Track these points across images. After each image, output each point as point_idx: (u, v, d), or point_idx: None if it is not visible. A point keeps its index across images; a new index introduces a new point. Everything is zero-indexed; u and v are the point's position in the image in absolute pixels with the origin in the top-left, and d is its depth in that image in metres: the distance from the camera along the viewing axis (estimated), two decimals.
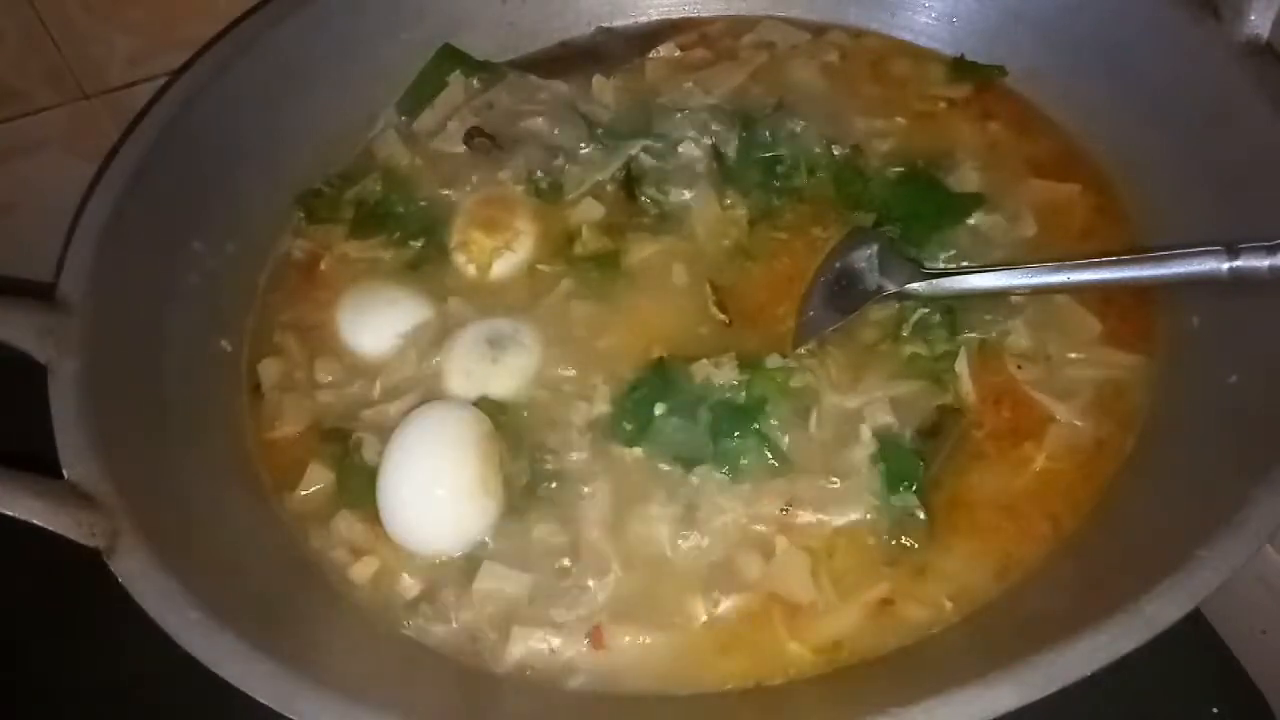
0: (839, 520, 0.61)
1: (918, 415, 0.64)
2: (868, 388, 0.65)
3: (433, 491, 0.62)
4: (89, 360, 0.61)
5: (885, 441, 0.63)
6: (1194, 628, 0.71)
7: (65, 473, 0.57)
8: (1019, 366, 0.66)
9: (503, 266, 0.74)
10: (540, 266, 0.74)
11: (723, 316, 0.70)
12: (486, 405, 0.66)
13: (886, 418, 0.64)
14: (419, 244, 0.76)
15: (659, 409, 0.65)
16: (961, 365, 0.65)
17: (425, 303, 0.73)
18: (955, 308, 0.67)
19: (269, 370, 0.72)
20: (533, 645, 0.59)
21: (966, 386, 0.65)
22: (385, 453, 0.63)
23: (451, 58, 0.86)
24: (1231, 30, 0.69)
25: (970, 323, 0.67)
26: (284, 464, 0.68)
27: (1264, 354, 0.60)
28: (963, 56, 0.83)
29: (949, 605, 0.59)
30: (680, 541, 0.61)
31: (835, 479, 0.62)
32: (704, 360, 0.66)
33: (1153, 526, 0.58)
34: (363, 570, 0.63)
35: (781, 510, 0.62)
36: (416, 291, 0.73)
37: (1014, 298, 0.68)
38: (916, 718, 0.47)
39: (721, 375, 0.65)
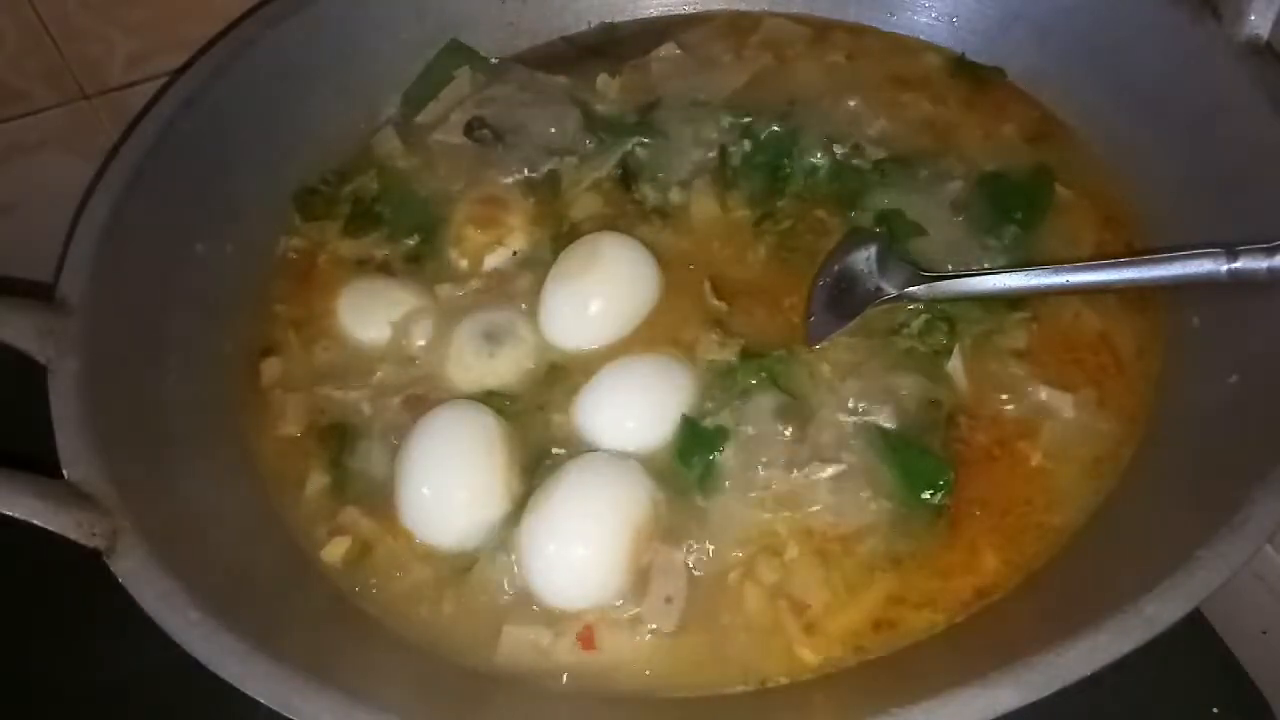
0: (840, 520, 0.61)
1: (914, 410, 0.64)
2: (868, 383, 0.65)
3: (454, 493, 0.62)
4: (89, 360, 0.61)
5: (893, 440, 0.63)
6: (1194, 628, 0.71)
7: (65, 473, 0.57)
8: (1016, 364, 0.66)
9: (499, 261, 0.75)
10: (538, 255, 0.74)
11: (721, 304, 0.70)
12: (488, 400, 0.66)
13: (888, 415, 0.64)
14: (415, 240, 0.77)
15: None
16: (956, 363, 0.65)
17: (423, 298, 0.73)
18: (953, 313, 0.67)
19: (270, 369, 0.72)
20: (524, 644, 0.59)
21: (962, 384, 0.65)
22: (404, 452, 0.64)
23: (458, 53, 0.86)
24: (1231, 30, 0.69)
25: (968, 320, 0.67)
26: (285, 463, 0.68)
27: (1264, 354, 0.60)
28: (963, 56, 0.83)
29: (950, 605, 0.59)
30: (682, 542, 0.61)
31: (835, 477, 0.62)
32: (713, 336, 0.67)
33: (1153, 526, 0.58)
34: (356, 561, 0.63)
35: (785, 513, 0.62)
36: (414, 287, 0.74)
37: (1012, 297, 0.68)
38: (916, 718, 0.47)
39: (722, 354, 0.66)
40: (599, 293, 0.69)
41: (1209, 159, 0.69)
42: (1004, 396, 0.65)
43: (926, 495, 0.61)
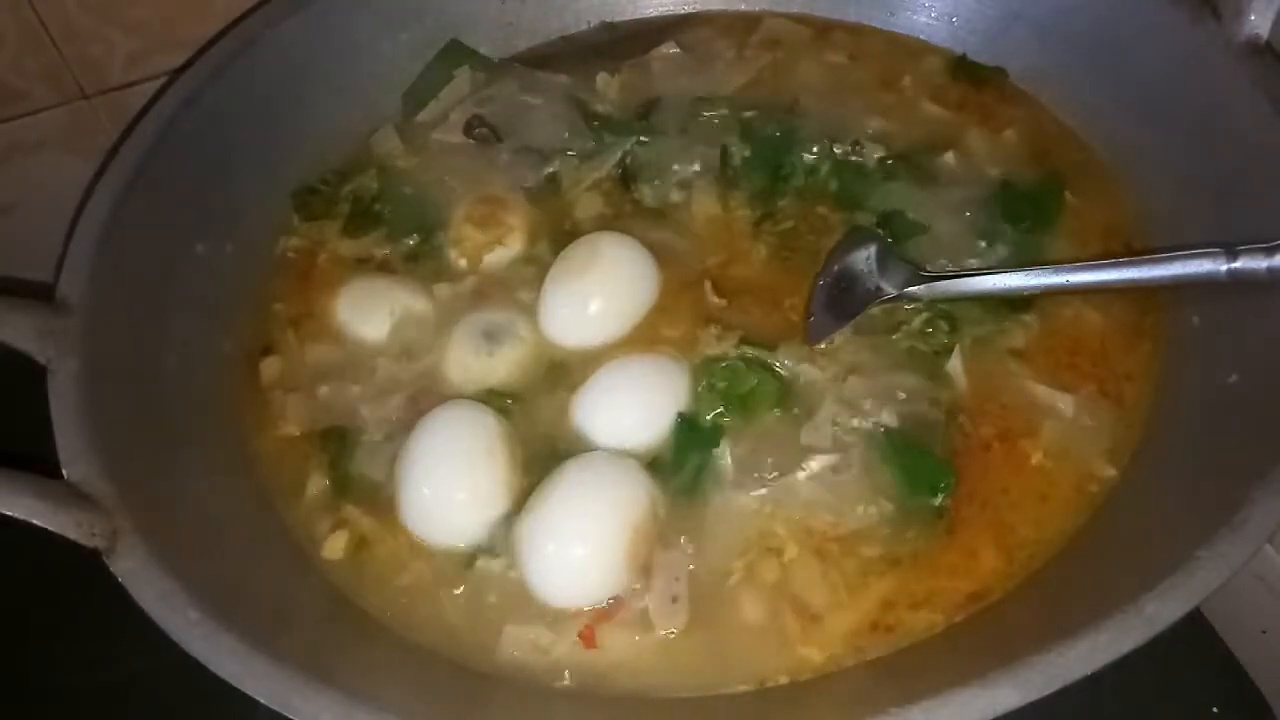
0: (839, 520, 0.61)
1: (914, 410, 0.64)
2: (869, 382, 0.65)
3: (454, 493, 0.63)
4: (89, 360, 0.61)
5: (894, 440, 0.63)
6: (1194, 628, 0.71)
7: (65, 473, 0.57)
8: (1016, 364, 0.66)
9: (498, 260, 0.75)
10: (537, 254, 0.74)
11: (721, 302, 0.70)
12: (487, 399, 0.66)
13: (889, 414, 0.64)
14: (414, 239, 0.77)
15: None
16: (955, 363, 0.65)
17: (422, 297, 0.73)
18: (953, 312, 0.67)
19: (270, 369, 0.72)
20: (525, 643, 0.59)
21: (962, 383, 0.65)
22: (404, 451, 0.64)
23: (458, 53, 0.86)
24: (1231, 30, 0.69)
25: (969, 320, 0.67)
26: (285, 463, 0.68)
27: (1264, 354, 0.60)
28: (963, 56, 0.83)
29: (949, 605, 0.59)
30: (684, 540, 0.61)
31: (835, 477, 0.62)
32: (712, 329, 0.67)
33: (1153, 526, 0.58)
34: (356, 559, 0.63)
35: (784, 513, 0.62)
36: (414, 286, 0.74)
37: (1013, 298, 0.68)
38: (916, 718, 0.47)
39: (720, 348, 0.66)
40: (598, 292, 0.69)
41: (1209, 159, 0.69)
42: (1004, 396, 0.65)
43: (927, 496, 0.61)
